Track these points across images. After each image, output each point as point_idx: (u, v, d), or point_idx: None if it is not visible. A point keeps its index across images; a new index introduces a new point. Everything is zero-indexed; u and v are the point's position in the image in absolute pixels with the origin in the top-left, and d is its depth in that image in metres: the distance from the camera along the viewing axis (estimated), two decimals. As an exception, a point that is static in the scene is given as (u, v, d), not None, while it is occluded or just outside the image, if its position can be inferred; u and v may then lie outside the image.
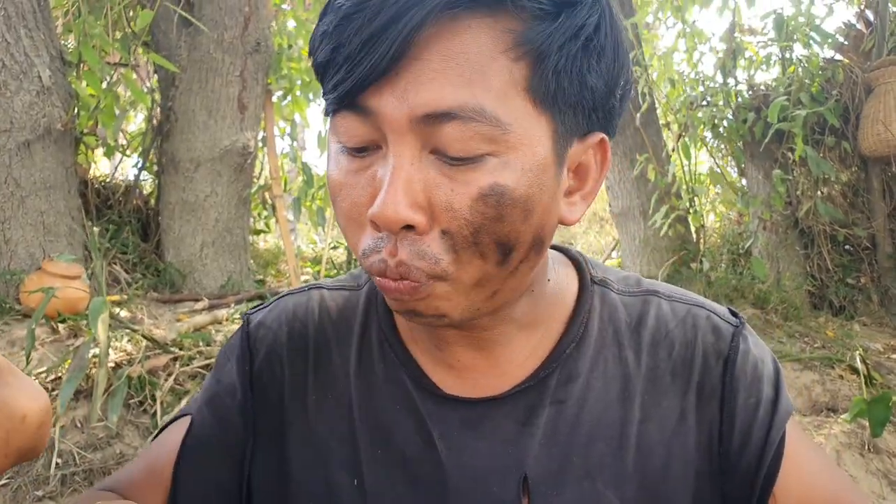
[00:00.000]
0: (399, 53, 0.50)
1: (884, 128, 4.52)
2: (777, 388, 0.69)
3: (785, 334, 4.09)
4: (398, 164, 0.53)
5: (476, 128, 0.51)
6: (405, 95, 0.51)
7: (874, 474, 3.04)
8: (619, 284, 0.75)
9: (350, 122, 0.54)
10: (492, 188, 0.53)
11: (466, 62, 0.51)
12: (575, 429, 0.66)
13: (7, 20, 2.69)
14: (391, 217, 0.52)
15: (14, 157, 2.74)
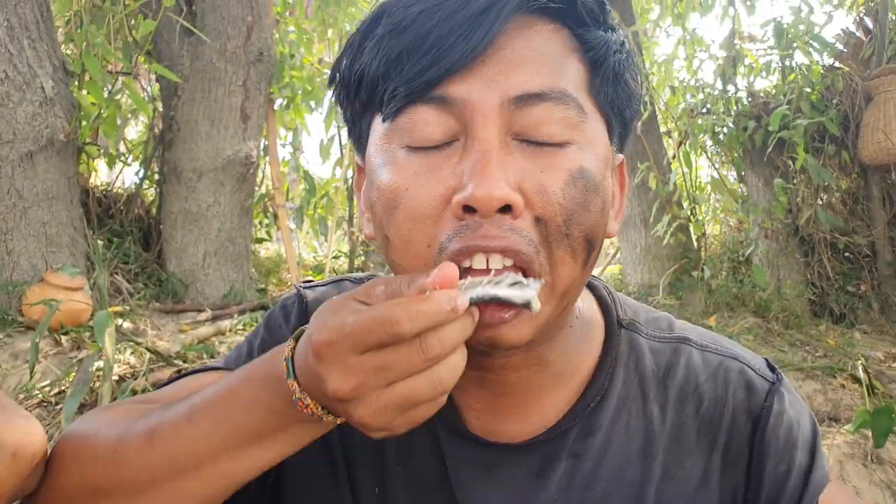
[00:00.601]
0: (488, 42, 0.52)
1: (884, 136, 4.52)
2: (813, 455, 0.65)
3: (786, 343, 4.09)
4: (488, 148, 0.53)
5: (564, 111, 0.55)
6: (495, 80, 0.53)
7: (878, 485, 3.03)
8: (648, 328, 0.72)
9: (425, 116, 0.55)
10: (580, 171, 0.56)
11: (547, 54, 0.55)
12: (591, 485, 0.65)
13: (10, 31, 2.68)
14: (496, 194, 0.51)
15: (17, 168, 2.73)
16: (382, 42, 0.56)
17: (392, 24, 0.55)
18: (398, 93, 0.55)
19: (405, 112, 0.56)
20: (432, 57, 0.53)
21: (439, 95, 0.54)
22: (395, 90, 0.55)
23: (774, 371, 0.69)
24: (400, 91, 0.55)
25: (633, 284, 4.82)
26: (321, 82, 4.09)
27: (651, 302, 4.40)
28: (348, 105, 0.64)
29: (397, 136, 0.57)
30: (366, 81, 0.58)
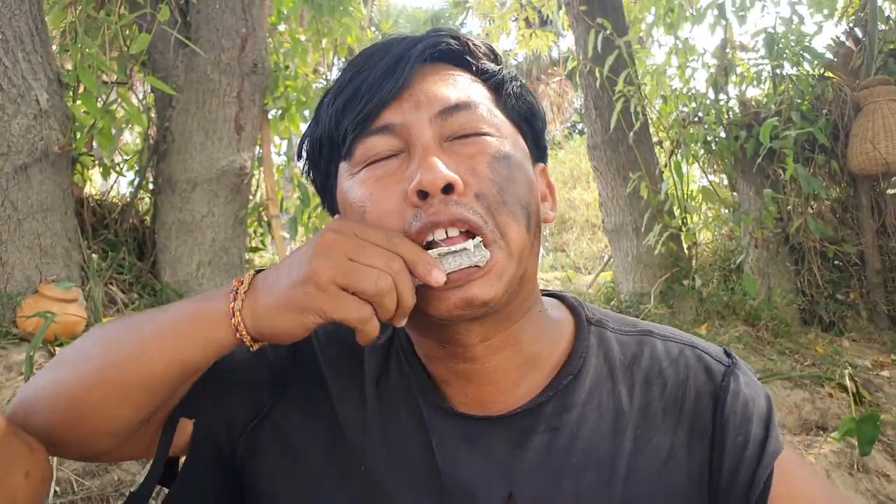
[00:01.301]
0: (407, 80, 0.69)
1: (872, 146, 4.58)
2: (767, 428, 0.73)
3: (775, 351, 4.14)
4: (426, 147, 0.67)
5: (478, 113, 0.70)
6: (421, 103, 0.69)
7: (863, 493, 3.08)
8: (615, 324, 0.82)
9: (374, 141, 0.69)
10: (502, 153, 0.69)
11: (455, 82, 0.72)
12: (567, 456, 0.71)
13: (4, 44, 2.70)
14: (438, 176, 0.64)
15: (11, 180, 2.74)
16: (329, 107, 0.72)
17: (336, 90, 0.73)
18: (349, 132, 0.70)
19: (358, 146, 0.70)
20: (367, 99, 0.68)
21: (382, 125, 0.69)
22: (345, 132, 0.70)
23: (730, 356, 0.78)
24: (349, 130, 0.70)
25: (625, 293, 4.86)
26: (316, 92, 4.11)
27: (643, 310, 4.43)
28: (317, 170, 0.78)
29: (356, 164, 0.71)
30: (325, 139, 0.74)
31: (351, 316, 0.61)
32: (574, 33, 5.27)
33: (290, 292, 0.62)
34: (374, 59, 0.71)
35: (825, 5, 5.85)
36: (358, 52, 0.77)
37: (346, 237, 0.62)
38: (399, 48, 0.70)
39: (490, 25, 9.32)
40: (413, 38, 0.72)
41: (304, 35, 4.33)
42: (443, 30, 0.75)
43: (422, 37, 0.73)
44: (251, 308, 0.66)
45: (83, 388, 0.69)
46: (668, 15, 5.37)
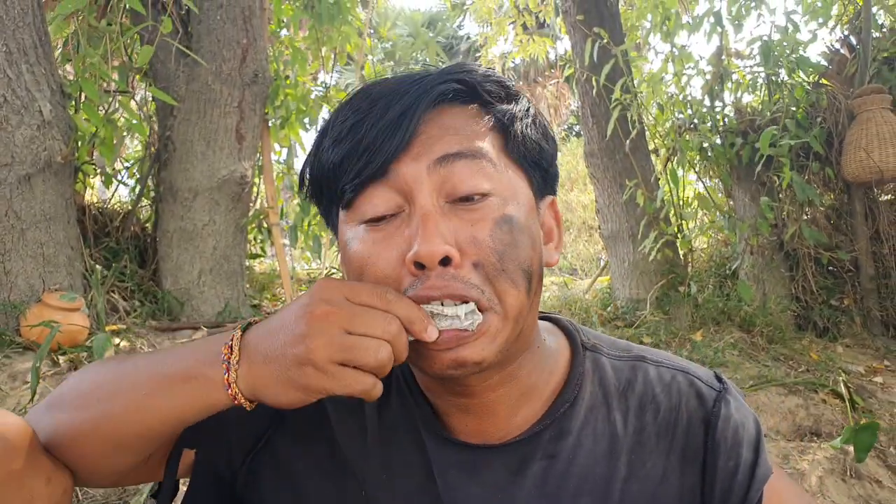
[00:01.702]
0: (411, 136, 0.66)
1: (866, 154, 4.62)
2: (756, 452, 0.75)
3: (770, 358, 4.17)
4: (426, 213, 0.65)
5: (480, 164, 0.67)
6: (421, 154, 0.66)
7: (856, 500, 3.11)
8: (609, 349, 0.83)
9: (377, 195, 0.67)
10: (503, 218, 0.67)
11: (458, 130, 0.68)
12: (564, 482, 0.73)
13: (9, 56, 2.73)
14: (434, 249, 0.63)
15: (15, 190, 2.77)
16: (328, 152, 0.70)
17: (333, 137, 0.69)
18: (346, 189, 0.68)
19: (357, 200, 0.69)
20: (367, 157, 0.66)
21: (381, 181, 0.67)
22: (343, 187, 0.69)
23: (721, 381, 0.79)
24: (347, 188, 0.68)
25: (622, 299, 4.90)
26: (315, 100, 4.15)
27: (639, 317, 4.47)
28: (318, 201, 0.77)
29: (356, 217, 0.70)
30: (323, 184, 0.73)
31: (355, 390, 0.61)
32: (571, 41, 5.31)
33: (289, 372, 0.61)
34: (378, 109, 0.67)
35: (820, 13, 5.90)
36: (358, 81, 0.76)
37: (339, 307, 0.60)
38: (404, 101, 0.67)
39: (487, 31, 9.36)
40: (419, 83, 0.68)
41: (304, 43, 4.36)
42: (453, 70, 0.71)
43: (429, 81, 0.69)
44: (247, 380, 0.64)
45: (79, 434, 0.70)
46: (664, 23, 5.40)
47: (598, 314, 4.71)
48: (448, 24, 21.97)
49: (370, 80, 0.75)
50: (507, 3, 8.51)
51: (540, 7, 7.64)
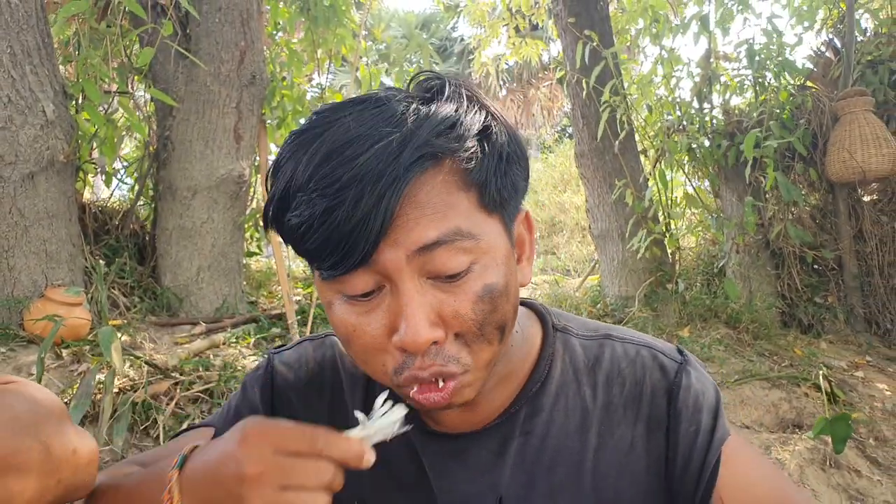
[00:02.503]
0: (389, 221, 0.62)
1: (849, 155, 4.72)
2: (715, 417, 0.80)
3: (755, 353, 4.27)
4: (408, 296, 0.65)
5: (459, 244, 0.65)
6: (398, 243, 0.64)
7: (835, 488, 3.21)
8: (578, 329, 0.88)
9: (356, 278, 0.66)
10: (484, 289, 0.67)
11: (433, 204, 0.65)
12: (539, 456, 0.79)
13: (13, 57, 2.81)
14: (420, 340, 0.64)
15: (18, 188, 2.85)
16: (298, 230, 0.65)
17: (305, 219, 0.64)
18: (327, 273, 0.66)
19: (334, 279, 0.67)
20: (342, 253, 0.63)
21: (360, 268, 0.65)
22: (319, 270, 0.68)
23: (682, 353, 0.84)
24: (328, 272, 0.66)
25: (611, 296, 5.00)
26: (311, 101, 4.23)
27: (627, 314, 4.57)
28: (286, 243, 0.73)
29: (334, 288, 0.68)
30: (294, 249, 0.69)
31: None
32: (562, 44, 5.40)
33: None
34: (351, 198, 0.62)
35: (805, 17, 6.02)
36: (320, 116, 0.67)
37: (270, 465, 0.59)
38: (378, 188, 0.62)
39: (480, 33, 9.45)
40: (391, 164, 0.62)
41: (300, 45, 4.45)
42: (423, 142, 0.64)
43: (402, 161, 0.63)
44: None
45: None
46: (653, 26, 5.51)
47: (587, 311, 4.81)
48: (441, 26, 22.04)
49: (324, 115, 0.68)
50: (501, 5, 8.60)
51: (532, 10, 7.74)
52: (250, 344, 3.19)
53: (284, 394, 0.89)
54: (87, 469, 0.74)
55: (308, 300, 4.00)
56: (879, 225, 5.18)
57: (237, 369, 2.82)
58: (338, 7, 4.30)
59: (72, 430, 0.74)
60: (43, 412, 0.71)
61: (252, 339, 3.21)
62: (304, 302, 4.03)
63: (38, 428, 0.68)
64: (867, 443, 3.62)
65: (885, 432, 3.76)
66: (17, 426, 0.66)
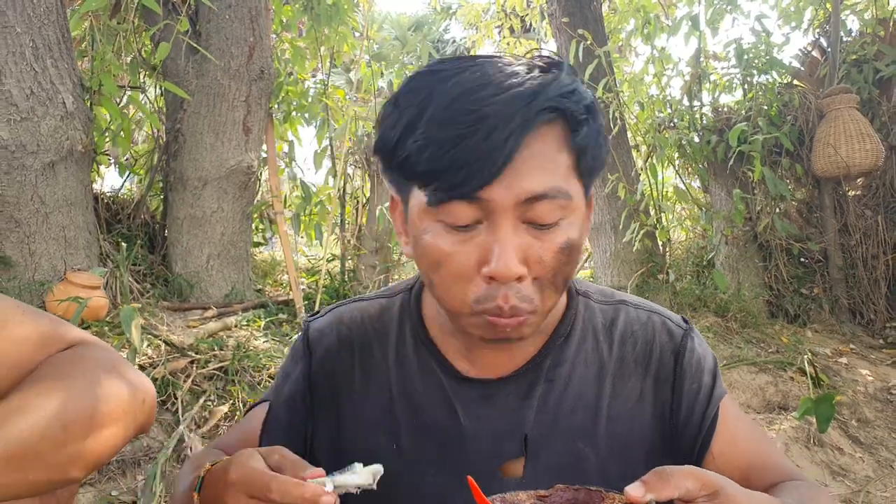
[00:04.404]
0: (507, 161, 0.70)
1: (834, 150, 4.88)
2: (714, 377, 0.94)
3: (743, 340, 4.42)
4: (505, 233, 0.73)
5: (558, 202, 0.74)
6: (510, 187, 0.72)
7: (818, 465, 3.37)
8: (597, 295, 0.99)
9: (462, 208, 0.73)
10: (566, 242, 0.77)
11: (544, 158, 0.73)
12: (562, 400, 0.90)
13: (35, 51, 2.93)
14: (510, 273, 0.73)
15: (40, 176, 2.97)
16: (424, 152, 0.71)
17: (434, 142, 0.71)
18: (438, 195, 0.73)
19: (442, 206, 0.73)
20: (464, 177, 0.70)
21: (474, 196, 0.72)
22: (436, 191, 0.73)
23: (687, 322, 0.97)
24: (440, 195, 0.72)
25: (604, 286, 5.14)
26: (315, 97, 4.37)
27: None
28: (384, 162, 0.80)
29: (436, 216, 0.75)
30: (409, 171, 0.75)
31: None
32: (556, 43, 5.56)
33: None
34: (483, 130, 0.69)
35: (793, 18, 6.19)
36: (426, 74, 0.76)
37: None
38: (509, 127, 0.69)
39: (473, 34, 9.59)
40: (524, 107, 0.70)
41: (303, 43, 4.58)
42: (553, 94, 0.72)
43: (533, 106, 0.71)
44: None
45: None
46: (645, 26, 5.67)
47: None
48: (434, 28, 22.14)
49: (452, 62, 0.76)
50: (495, 7, 8.75)
51: (526, 11, 7.90)
52: (260, 327, 3.33)
53: (321, 359, 0.98)
54: (152, 411, 0.86)
55: (313, 288, 4.13)
56: (863, 219, 5.34)
57: (249, 349, 2.95)
58: (340, 6, 4.44)
59: (136, 378, 0.84)
60: (119, 364, 0.83)
61: (262, 323, 3.34)
62: (310, 290, 4.16)
63: (122, 379, 0.80)
64: (850, 423, 3.78)
65: (867, 414, 3.92)
66: (108, 380, 0.78)
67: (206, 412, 2.63)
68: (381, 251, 4.42)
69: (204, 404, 2.65)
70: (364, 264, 4.33)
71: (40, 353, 0.79)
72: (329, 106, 4.36)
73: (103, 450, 0.75)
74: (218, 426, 2.61)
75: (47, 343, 0.80)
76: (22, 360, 0.77)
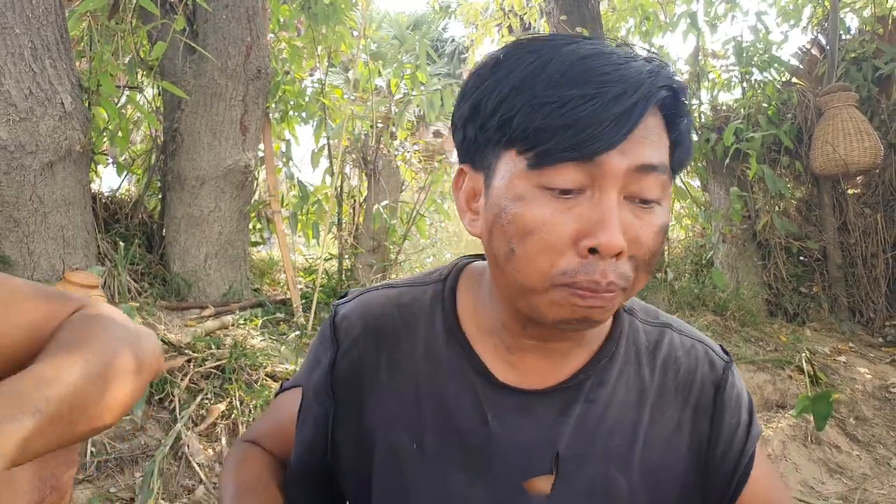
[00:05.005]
0: (631, 127, 0.68)
1: (832, 148, 4.89)
2: (751, 415, 0.92)
3: (741, 339, 4.44)
4: (609, 206, 0.70)
5: (663, 178, 0.73)
6: (627, 152, 0.69)
7: (815, 462, 3.38)
8: (642, 314, 0.95)
9: (571, 171, 0.69)
10: (663, 226, 0.75)
11: (655, 135, 0.72)
12: (600, 423, 0.87)
13: (34, 52, 2.94)
14: (616, 245, 0.70)
15: (38, 176, 2.98)
16: (541, 110, 0.68)
17: (554, 99, 0.68)
18: (551, 156, 0.69)
19: (551, 168, 0.69)
20: (586, 137, 0.67)
21: (585, 163, 0.69)
22: (547, 151, 0.69)
23: (728, 354, 0.95)
24: (553, 155, 0.69)
25: (603, 285, 5.14)
26: (312, 96, 4.38)
27: (619, 301, 4.71)
28: (474, 128, 0.77)
29: (537, 179, 0.71)
30: (515, 132, 0.71)
31: None
32: (555, 41, 5.56)
33: None
34: (613, 92, 0.68)
35: (791, 16, 6.20)
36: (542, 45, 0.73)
37: None
38: (638, 94, 0.68)
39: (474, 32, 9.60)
40: (650, 78, 0.70)
41: (301, 42, 4.59)
42: (669, 74, 0.73)
43: (657, 79, 0.70)
44: None
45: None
46: (643, 24, 5.68)
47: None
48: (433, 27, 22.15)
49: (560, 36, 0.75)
50: (493, 5, 8.76)
51: (525, 9, 7.90)
52: (258, 326, 3.34)
53: (347, 346, 0.95)
54: (159, 364, 0.92)
55: (310, 287, 4.14)
56: (863, 217, 5.36)
57: (246, 348, 2.96)
58: (338, 5, 4.45)
59: (143, 329, 0.91)
60: (126, 319, 0.90)
61: (259, 322, 3.35)
62: (307, 289, 4.17)
63: (134, 332, 0.86)
64: (847, 421, 3.79)
65: (864, 412, 3.93)
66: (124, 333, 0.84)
67: (204, 410, 2.64)
68: (379, 250, 4.43)
69: (201, 402, 2.66)
70: (361, 263, 4.33)
71: (54, 315, 0.85)
72: (326, 105, 4.37)
73: (131, 395, 0.82)
74: (215, 424, 2.63)
75: (57, 308, 0.87)
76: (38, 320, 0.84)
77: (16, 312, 0.83)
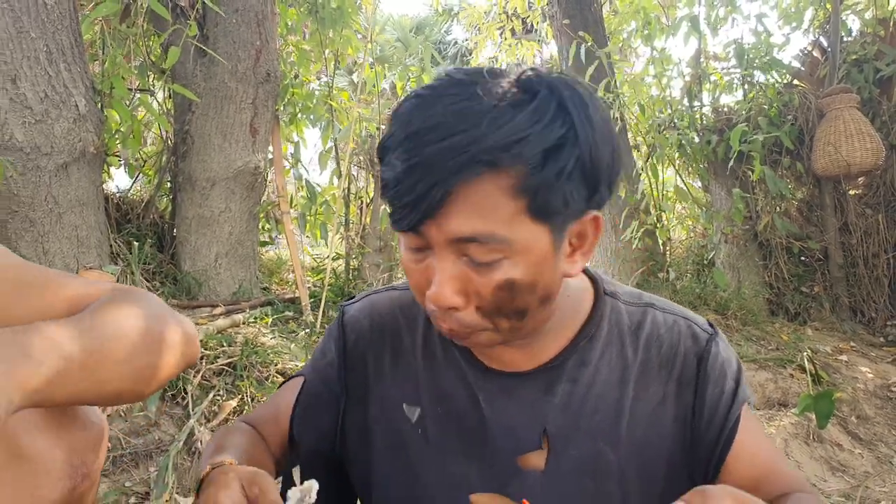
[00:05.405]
0: (440, 205, 0.72)
1: (834, 150, 4.92)
2: (737, 382, 0.94)
3: (743, 338, 4.47)
4: (441, 266, 0.77)
5: (490, 246, 0.74)
6: (440, 226, 0.74)
7: (817, 460, 3.42)
8: (625, 296, 1.00)
9: (411, 237, 0.78)
10: (505, 282, 0.76)
11: (480, 205, 0.72)
12: (584, 401, 0.92)
13: (49, 55, 3.00)
14: (441, 303, 0.77)
15: (53, 177, 3.04)
16: (385, 181, 0.77)
17: (388, 173, 0.75)
18: (395, 226, 0.78)
19: (402, 232, 0.78)
20: (401, 216, 0.75)
21: (415, 231, 0.76)
22: (391, 217, 0.79)
23: (713, 327, 0.98)
24: (395, 226, 0.78)
25: (606, 285, 5.19)
26: (319, 99, 4.44)
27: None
28: None
29: (401, 239, 0.82)
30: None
31: None
32: (557, 45, 5.62)
33: None
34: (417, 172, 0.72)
35: (793, 18, 6.25)
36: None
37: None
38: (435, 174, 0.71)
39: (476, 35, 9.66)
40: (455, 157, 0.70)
41: (308, 46, 4.65)
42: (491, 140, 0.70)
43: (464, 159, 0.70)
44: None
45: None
46: (645, 27, 5.73)
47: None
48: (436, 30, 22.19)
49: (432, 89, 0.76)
50: (496, 8, 8.82)
51: (528, 13, 7.97)
52: (268, 324, 3.39)
53: (355, 343, 1.03)
54: (196, 346, 0.93)
55: (318, 286, 4.20)
56: (864, 217, 5.40)
57: (257, 346, 3.02)
58: (344, 9, 4.51)
59: (182, 317, 0.93)
60: (168, 307, 0.92)
61: (269, 320, 3.41)
62: (315, 288, 4.23)
63: (174, 315, 0.88)
64: (849, 420, 3.83)
65: (866, 410, 3.97)
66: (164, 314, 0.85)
67: (216, 406, 2.70)
68: (385, 250, 4.49)
69: (213, 399, 2.71)
70: (368, 263, 4.40)
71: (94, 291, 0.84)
72: (333, 107, 4.43)
73: (169, 370, 0.81)
74: (227, 420, 2.68)
75: (97, 287, 0.86)
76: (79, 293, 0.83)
77: (55, 289, 0.83)
